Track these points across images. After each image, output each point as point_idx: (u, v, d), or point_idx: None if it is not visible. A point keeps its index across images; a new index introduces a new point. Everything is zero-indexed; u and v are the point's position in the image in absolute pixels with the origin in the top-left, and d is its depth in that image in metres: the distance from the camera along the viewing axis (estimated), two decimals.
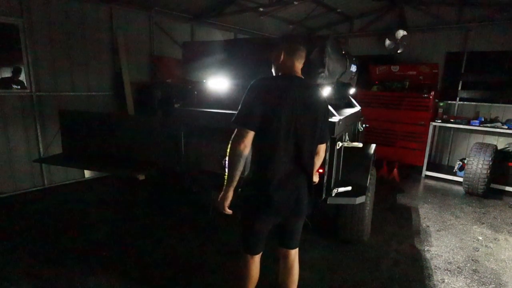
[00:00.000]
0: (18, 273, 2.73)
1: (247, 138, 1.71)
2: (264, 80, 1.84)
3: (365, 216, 3.12)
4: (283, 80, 1.85)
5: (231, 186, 1.76)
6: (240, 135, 1.72)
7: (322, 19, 7.15)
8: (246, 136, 1.71)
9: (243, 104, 1.75)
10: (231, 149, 1.72)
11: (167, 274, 2.81)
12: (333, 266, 2.99)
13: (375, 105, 6.24)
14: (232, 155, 1.71)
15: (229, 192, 1.78)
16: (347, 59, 3.33)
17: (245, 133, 1.71)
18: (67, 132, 3.54)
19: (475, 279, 2.88)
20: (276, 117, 1.72)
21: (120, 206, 4.21)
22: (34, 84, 4.40)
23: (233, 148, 1.71)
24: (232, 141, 1.73)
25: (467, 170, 4.93)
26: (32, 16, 4.28)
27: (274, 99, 1.73)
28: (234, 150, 1.71)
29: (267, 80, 1.87)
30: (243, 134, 1.71)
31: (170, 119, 3.08)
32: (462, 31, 6.16)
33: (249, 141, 1.72)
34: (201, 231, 3.59)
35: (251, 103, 1.73)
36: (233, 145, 1.72)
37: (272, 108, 1.72)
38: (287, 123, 1.74)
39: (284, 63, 1.88)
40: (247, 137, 1.71)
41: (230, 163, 1.72)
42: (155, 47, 5.85)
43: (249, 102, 1.74)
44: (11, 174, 4.40)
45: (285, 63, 1.88)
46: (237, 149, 1.70)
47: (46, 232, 3.46)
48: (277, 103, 1.73)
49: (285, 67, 1.89)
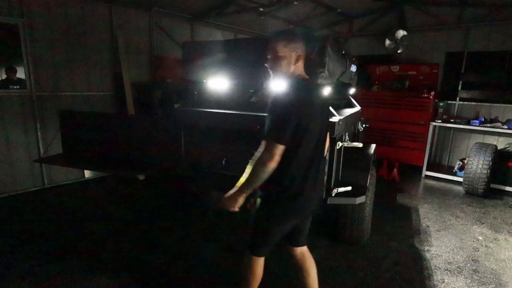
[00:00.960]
0: (18, 273, 2.73)
1: (278, 154, 1.64)
2: (295, 90, 1.72)
3: (365, 216, 3.12)
4: (308, 87, 1.80)
5: (246, 192, 1.73)
6: (272, 151, 1.62)
7: (322, 19, 7.15)
8: (279, 152, 1.63)
9: (277, 118, 1.65)
10: (261, 164, 1.63)
11: (167, 274, 2.81)
12: (333, 266, 2.99)
13: (375, 105, 6.24)
14: (261, 170, 1.64)
15: (242, 197, 1.75)
16: (347, 59, 3.33)
17: (278, 149, 1.63)
18: (67, 132, 3.54)
19: (475, 279, 2.88)
20: (308, 128, 1.71)
21: (120, 206, 4.21)
22: (34, 84, 4.41)
23: (263, 163, 1.63)
24: (263, 156, 1.64)
25: (467, 170, 4.93)
26: (32, 16, 4.28)
27: (307, 110, 1.70)
28: (264, 166, 1.63)
29: (297, 89, 1.73)
30: (276, 150, 1.62)
31: (170, 119, 3.08)
32: (462, 31, 6.16)
33: (280, 156, 1.65)
34: (201, 230, 3.59)
35: (285, 117, 1.64)
36: (264, 160, 1.63)
37: (305, 119, 1.68)
38: (314, 130, 1.76)
39: (297, 67, 1.79)
40: (279, 153, 1.64)
41: (256, 175, 1.66)
42: (155, 47, 5.85)
43: (283, 115, 1.64)
44: (11, 174, 4.40)
45: (298, 66, 1.79)
46: (268, 165, 1.63)
47: (46, 232, 3.46)
48: (309, 114, 1.70)
49: (297, 70, 1.80)
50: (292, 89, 1.71)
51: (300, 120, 1.66)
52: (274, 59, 1.78)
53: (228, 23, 6.76)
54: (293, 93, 1.69)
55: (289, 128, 1.64)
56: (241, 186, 1.74)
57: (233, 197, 1.76)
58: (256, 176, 1.66)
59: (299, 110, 1.67)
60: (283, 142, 1.63)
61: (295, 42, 1.76)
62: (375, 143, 3.71)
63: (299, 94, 1.70)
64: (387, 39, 6.18)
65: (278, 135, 1.63)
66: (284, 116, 1.65)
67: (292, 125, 1.64)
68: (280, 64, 1.76)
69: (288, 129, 1.64)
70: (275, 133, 1.64)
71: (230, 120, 2.86)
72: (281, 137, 1.63)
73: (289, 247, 2.10)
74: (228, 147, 2.94)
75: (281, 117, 1.65)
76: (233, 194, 1.76)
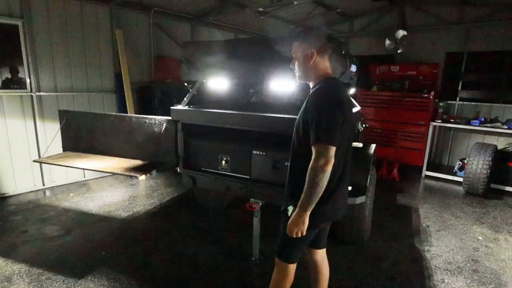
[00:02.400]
0: (18, 273, 2.73)
1: (333, 156, 1.58)
2: (333, 89, 1.69)
3: (365, 216, 3.12)
4: (341, 87, 1.75)
5: (309, 209, 1.62)
6: (327, 153, 1.56)
7: (322, 19, 7.15)
8: (333, 153, 1.58)
9: (323, 119, 1.59)
10: (319, 170, 1.56)
11: (167, 273, 2.81)
12: (333, 266, 2.97)
13: (375, 105, 6.24)
14: (320, 178, 1.56)
15: (307, 215, 1.64)
16: (347, 59, 3.33)
17: (332, 151, 1.57)
18: (67, 132, 3.54)
19: (475, 279, 2.87)
20: (346, 127, 1.68)
21: (119, 206, 4.22)
22: (34, 84, 4.41)
23: (321, 168, 1.55)
24: (318, 162, 1.56)
25: (467, 170, 4.93)
26: (32, 16, 4.28)
27: (346, 109, 1.67)
28: (323, 171, 1.56)
29: (334, 89, 1.69)
30: (330, 151, 1.57)
31: (170, 119, 3.08)
32: (462, 31, 6.16)
33: (334, 158, 1.59)
34: (201, 231, 3.60)
35: (331, 117, 1.59)
36: (320, 165, 1.56)
37: (346, 119, 1.65)
38: (348, 130, 1.74)
39: (317, 64, 1.73)
40: (333, 154, 1.58)
41: (317, 185, 1.57)
42: (155, 47, 5.85)
43: (329, 116, 1.59)
44: (11, 174, 4.40)
45: (318, 63, 1.73)
46: (326, 170, 1.56)
47: (45, 232, 3.46)
48: (347, 113, 1.68)
49: (322, 68, 1.75)
50: (329, 88, 1.68)
51: (344, 118, 1.64)
52: (294, 60, 1.80)
53: (228, 23, 6.77)
54: (332, 92, 1.67)
55: (338, 128, 1.60)
56: (302, 205, 1.62)
57: (298, 219, 1.64)
58: (316, 186, 1.57)
59: (343, 108, 1.64)
60: (335, 143, 1.58)
61: (307, 41, 1.74)
62: (375, 143, 3.71)
63: (337, 93, 1.68)
64: (387, 39, 6.17)
65: (329, 137, 1.57)
66: (330, 116, 1.60)
67: (339, 125, 1.61)
68: (299, 65, 1.77)
69: (337, 129, 1.60)
70: (325, 135, 1.57)
71: (230, 120, 2.86)
72: (332, 138, 1.58)
73: (312, 250, 2.05)
74: (228, 147, 2.94)
75: (328, 118, 1.59)
76: (296, 216, 1.65)
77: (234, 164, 2.91)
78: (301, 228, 1.66)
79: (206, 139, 3.08)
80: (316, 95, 1.67)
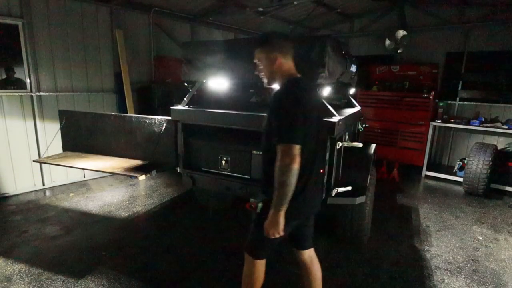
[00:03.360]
0: (17, 273, 2.73)
1: (298, 155, 1.59)
2: (295, 89, 1.72)
3: (365, 216, 3.12)
4: (304, 86, 1.79)
5: (282, 208, 1.64)
6: (291, 152, 1.58)
7: (322, 19, 7.15)
8: (297, 152, 1.59)
9: (284, 119, 1.62)
10: (286, 170, 1.58)
11: (167, 273, 2.81)
12: (333, 266, 2.99)
13: (375, 105, 6.24)
14: (287, 176, 1.58)
15: (281, 216, 1.65)
16: (347, 59, 3.33)
17: (296, 149, 1.59)
18: (67, 132, 3.54)
19: (475, 279, 2.88)
20: (311, 126, 1.71)
21: (119, 206, 4.22)
22: (34, 84, 4.41)
23: (287, 167, 1.58)
24: (284, 161, 1.58)
25: (467, 170, 4.93)
26: (32, 16, 4.28)
27: (308, 108, 1.70)
28: (290, 170, 1.58)
29: (296, 88, 1.73)
30: (294, 150, 1.59)
31: (170, 119, 3.08)
32: (462, 31, 6.16)
33: (299, 156, 1.60)
34: (201, 231, 3.59)
35: (291, 115, 1.62)
36: (286, 164, 1.58)
37: (309, 117, 1.68)
38: (313, 129, 1.76)
39: (281, 66, 1.78)
40: (298, 153, 1.60)
41: (285, 184, 1.59)
42: (155, 47, 5.85)
43: (288, 115, 1.62)
44: (11, 174, 4.40)
45: (282, 65, 1.78)
46: (292, 168, 1.58)
47: (45, 232, 3.46)
48: (310, 112, 1.70)
49: (286, 69, 1.80)
50: (289, 88, 1.72)
51: (305, 117, 1.66)
52: (258, 67, 1.86)
53: (228, 23, 6.76)
54: (292, 92, 1.70)
55: (300, 127, 1.63)
56: (275, 205, 1.64)
57: (273, 221, 1.66)
58: (284, 185, 1.59)
59: (301, 105, 1.66)
60: (298, 141, 1.60)
61: (267, 46, 1.79)
62: (375, 143, 3.71)
63: (296, 92, 1.70)
64: (387, 39, 6.17)
65: (291, 136, 1.60)
66: (291, 116, 1.62)
67: (301, 123, 1.63)
68: (265, 70, 1.83)
69: (299, 127, 1.62)
70: (287, 134, 1.60)
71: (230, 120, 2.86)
72: (295, 137, 1.60)
73: (297, 252, 2.06)
74: (228, 147, 2.94)
75: (289, 118, 1.62)
76: (272, 217, 1.67)
77: (234, 164, 2.91)
78: (277, 229, 1.67)
79: (206, 139, 3.08)
80: (276, 96, 1.72)
